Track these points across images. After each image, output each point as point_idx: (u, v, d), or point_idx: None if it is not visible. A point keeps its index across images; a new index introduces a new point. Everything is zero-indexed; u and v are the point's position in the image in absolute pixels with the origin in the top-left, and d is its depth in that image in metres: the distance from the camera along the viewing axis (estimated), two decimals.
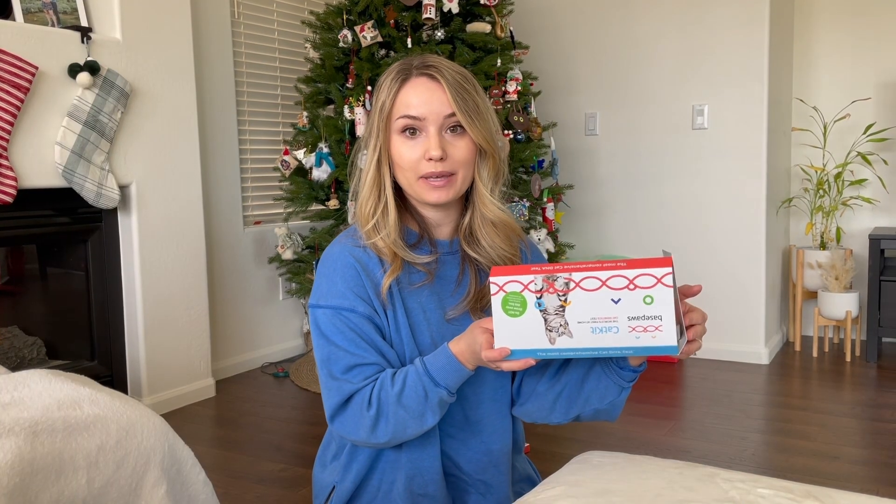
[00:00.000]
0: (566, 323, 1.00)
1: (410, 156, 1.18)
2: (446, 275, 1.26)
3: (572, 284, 0.98)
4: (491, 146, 1.21)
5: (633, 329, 0.97)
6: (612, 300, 0.97)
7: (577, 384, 1.23)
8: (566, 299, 0.99)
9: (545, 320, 1.00)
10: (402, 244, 1.22)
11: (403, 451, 1.24)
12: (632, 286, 0.96)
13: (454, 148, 1.19)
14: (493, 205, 1.25)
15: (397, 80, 1.20)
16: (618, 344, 0.98)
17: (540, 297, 1.00)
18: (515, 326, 1.02)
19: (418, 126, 1.18)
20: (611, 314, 0.97)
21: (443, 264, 1.26)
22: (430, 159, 1.17)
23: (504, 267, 1.03)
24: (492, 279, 1.02)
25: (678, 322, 0.98)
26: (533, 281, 1.00)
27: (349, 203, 3.11)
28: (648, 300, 0.96)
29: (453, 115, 1.18)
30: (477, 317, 1.24)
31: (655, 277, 0.95)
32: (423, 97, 1.17)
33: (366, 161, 1.25)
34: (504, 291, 1.01)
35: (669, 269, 0.95)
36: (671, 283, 0.95)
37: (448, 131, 1.19)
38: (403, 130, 1.19)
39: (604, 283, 0.97)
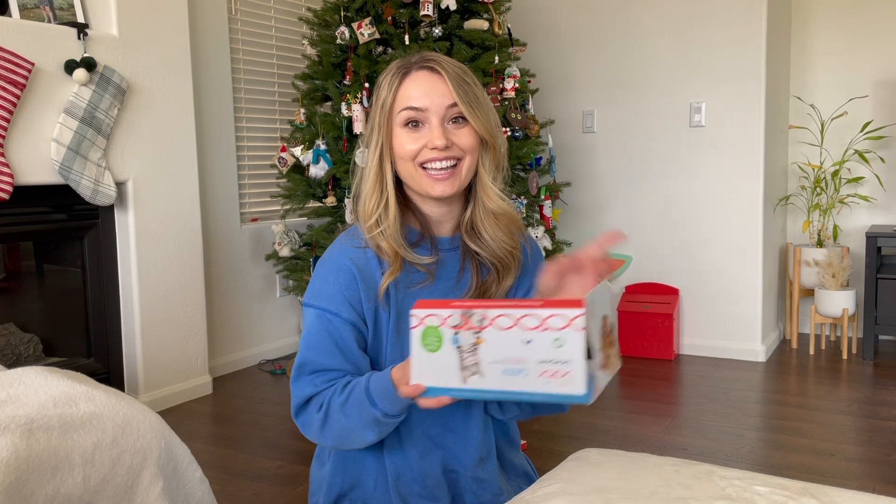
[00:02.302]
0: (479, 362, 0.95)
1: (412, 146, 1.18)
2: (446, 272, 1.26)
3: (486, 322, 0.94)
4: (492, 137, 1.22)
5: (543, 373, 0.92)
6: (524, 341, 0.92)
7: None
8: (480, 337, 0.94)
9: (460, 358, 0.96)
10: (404, 242, 1.22)
11: (393, 451, 1.25)
12: (543, 327, 0.91)
13: (457, 136, 1.19)
14: (496, 194, 1.25)
15: (398, 75, 1.20)
16: (527, 388, 0.93)
17: (456, 333, 0.95)
18: (432, 362, 0.98)
19: (421, 118, 1.19)
20: (522, 356, 0.92)
21: (443, 262, 1.26)
22: (434, 148, 1.17)
23: (427, 301, 0.99)
24: (412, 312, 0.97)
25: (598, 360, 0.93)
26: (451, 316, 0.95)
27: (346, 201, 3.10)
28: (559, 343, 0.90)
29: (455, 105, 1.18)
30: None
31: (567, 319, 0.90)
32: (424, 88, 1.18)
33: (367, 159, 1.24)
34: (423, 325, 0.97)
35: (582, 311, 0.89)
36: (583, 326, 0.90)
37: (450, 122, 1.19)
38: (406, 123, 1.19)
39: (517, 321, 0.92)
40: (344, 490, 1.29)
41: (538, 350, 0.91)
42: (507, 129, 3.13)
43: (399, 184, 1.24)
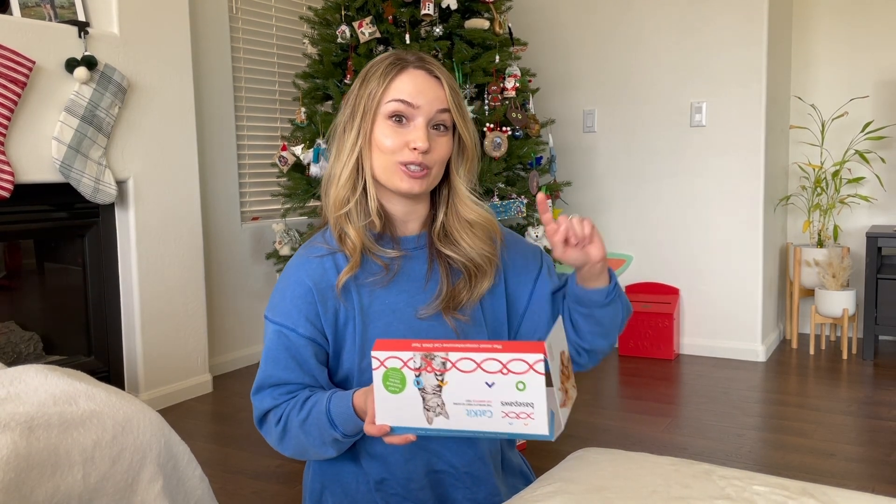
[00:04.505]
0: (443, 403, 0.97)
1: (394, 141, 1.17)
2: (413, 270, 1.25)
3: (448, 364, 0.96)
4: (473, 147, 1.23)
5: (507, 415, 0.94)
6: (487, 383, 0.94)
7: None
8: (443, 379, 0.97)
9: (423, 399, 0.98)
10: (371, 236, 1.22)
11: (374, 458, 1.25)
12: (505, 371, 0.93)
13: (436, 144, 1.19)
14: (474, 203, 1.25)
15: (394, 67, 1.18)
16: (492, 428, 0.96)
17: (419, 376, 0.97)
18: (395, 403, 1.00)
19: (408, 114, 1.17)
20: (485, 398, 0.95)
21: (409, 259, 1.25)
22: (415, 149, 1.16)
23: (386, 341, 1.00)
24: (373, 353, 0.99)
25: (558, 399, 0.96)
26: (412, 358, 0.97)
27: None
28: (521, 386, 0.93)
29: (445, 111, 1.18)
30: (450, 317, 1.23)
31: (527, 363, 0.92)
32: (420, 87, 1.17)
33: (338, 145, 1.23)
34: (385, 367, 0.99)
35: (542, 357, 0.92)
36: (543, 371, 0.92)
37: (432, 128, 1.18)
38: (391, 116, 1.17)
39: (478, 365, 0.94)
40: (325, 494, 1.30)
41: (501, 392, 0.94)
42: (508, 128, 3.13)
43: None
